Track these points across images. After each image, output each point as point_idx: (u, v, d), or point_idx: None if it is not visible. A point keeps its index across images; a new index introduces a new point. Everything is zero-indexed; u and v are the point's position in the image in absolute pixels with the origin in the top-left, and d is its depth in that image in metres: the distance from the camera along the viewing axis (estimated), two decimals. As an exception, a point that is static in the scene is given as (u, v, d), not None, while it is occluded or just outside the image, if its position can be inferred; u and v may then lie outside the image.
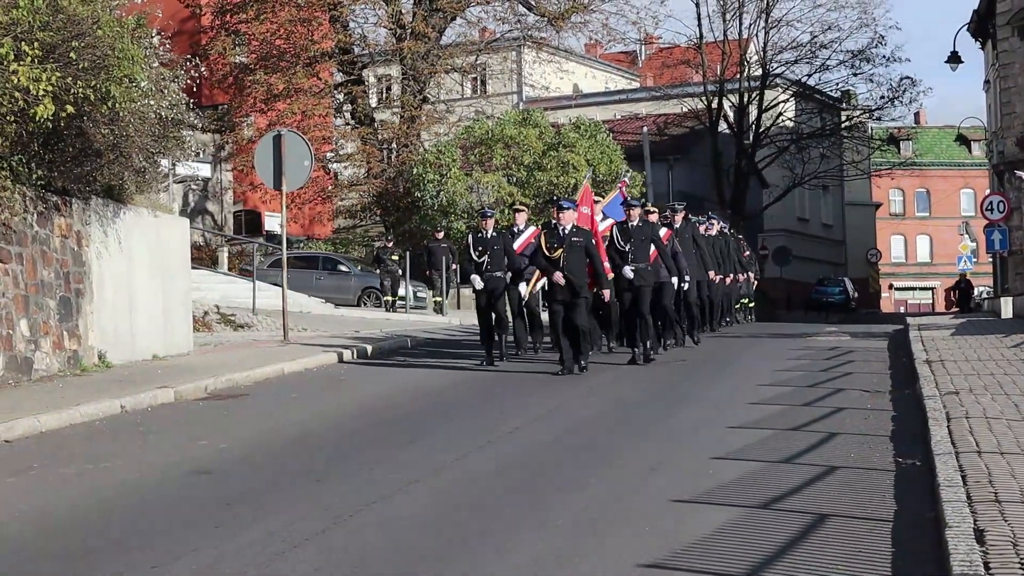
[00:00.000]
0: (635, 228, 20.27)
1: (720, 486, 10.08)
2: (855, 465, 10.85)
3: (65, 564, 8.15)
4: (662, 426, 14.00)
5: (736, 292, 31.26)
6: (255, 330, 27.89)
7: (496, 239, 20.80)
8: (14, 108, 15.12)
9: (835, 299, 62.49)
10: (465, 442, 12.57)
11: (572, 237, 18.53)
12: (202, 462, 11.88)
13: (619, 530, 8.84)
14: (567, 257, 18.42)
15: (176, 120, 20.46)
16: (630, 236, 20.14)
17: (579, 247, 18.53)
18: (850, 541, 8.23)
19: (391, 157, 48.83)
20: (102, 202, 19.09)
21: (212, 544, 8.48)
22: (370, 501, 9.78)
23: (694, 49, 58.82)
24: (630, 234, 20.17)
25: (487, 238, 20.80)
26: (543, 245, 18.72)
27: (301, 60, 46.37)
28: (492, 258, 20.63)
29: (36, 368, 17.05)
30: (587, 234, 19.03)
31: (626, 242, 20.08)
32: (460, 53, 49.36)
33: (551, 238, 18.65)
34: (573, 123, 45.82)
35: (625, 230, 20.29)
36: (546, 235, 18.83)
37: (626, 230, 20.28)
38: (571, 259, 18.44)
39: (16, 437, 13.06)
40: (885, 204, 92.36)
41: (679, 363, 20.52)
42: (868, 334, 28.04)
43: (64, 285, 17.87)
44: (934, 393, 14.28)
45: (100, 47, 16.35)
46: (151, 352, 20.30)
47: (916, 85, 59.64)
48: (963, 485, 9.12)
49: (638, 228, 20.29)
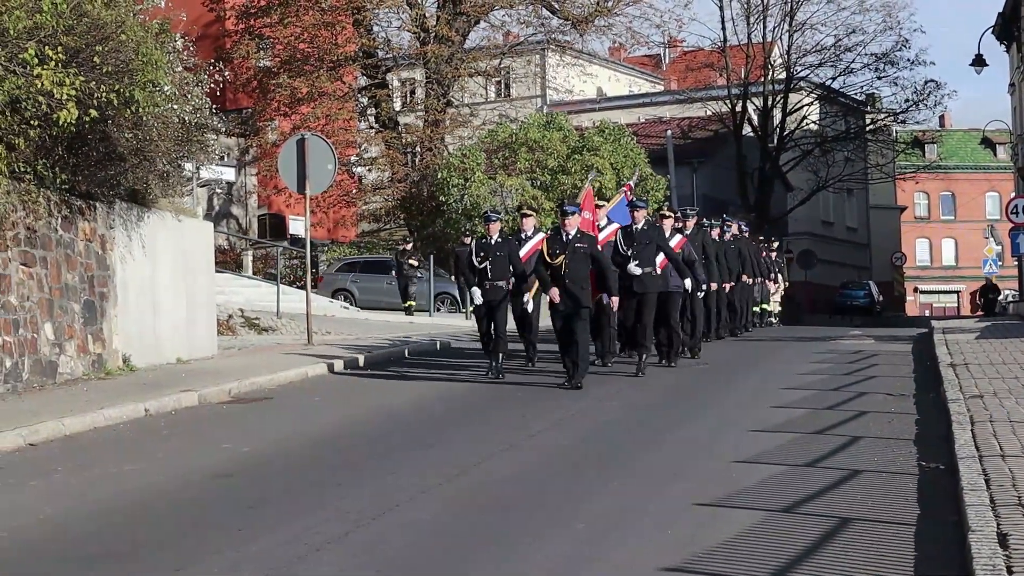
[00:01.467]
0: (640, 232, 19.23)
1: (742, 490, 10.06)
2: (878, 469, 10.83)
3: (88, 567, 8.17)
4: (683, 430, 13.99)
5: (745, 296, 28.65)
6: (279, 334, 27.91)
7: (500, 245, 19.15)
8: (38, 112, 15.16)
9: (860, 303, 62.38)
10: (486, 446, 12.57)
11: (576, 243, 17.42)
12: (225, 465, 11.91)
13: (640, 533, 8.84)
14: (569, 264, 17.32)
15: (200, 124, 20.53)
16: (634, 240, 19.11)
17: (583, 254, 17.42)
18: (873, 545, 8.21)
19: (415, 161, 48.83)
20: (126, 206, 19.14)
21: (234, 547, 8.50)
22: (392, 505, 9.79)
23: (718, 52, 58.73)
24: (634, 238, 19.14)
25: (490, 243, 19.18)
26: (544, 251, 17.67)
27: (325, 64, 46.40)
28: (494, 265, 18.98)
29: (60, 371, 17.10)
30: (592, 240, 18.01)
31: (629, 246, 19.04)
32: (484, 57, 49.33)
33: (553, 244, 17.58)
34: (597, 126, 45.79)
35: (629, 234, 19.27)
36: (548, 240, 17.81)
37: (630, 234, 19.25)
38: (574, 267, 17.32)
39: (40, 440, 13.10)
40: (910, 207, 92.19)
41: (702, 366, 20.47)
42: (892, 337, 27.98)
43: (88, 289, 17.92)
44: (958, 396, 14.23)
45: (124, 51, 16.39)
46: (175, 355, 20.34)
47: (940, 88, 59.55)
48: (987, 489, 9.10)
49: (643, 232, 19.25)
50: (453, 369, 20.44)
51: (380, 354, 22.36)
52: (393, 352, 22.90)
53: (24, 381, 16.19)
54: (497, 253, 18.96)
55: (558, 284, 17.32)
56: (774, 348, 24.79)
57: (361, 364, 21.17)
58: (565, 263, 17.30)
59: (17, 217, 16.12)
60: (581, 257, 17.38)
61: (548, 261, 17.48)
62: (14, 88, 14.67)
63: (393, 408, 15.93)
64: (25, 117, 15.26)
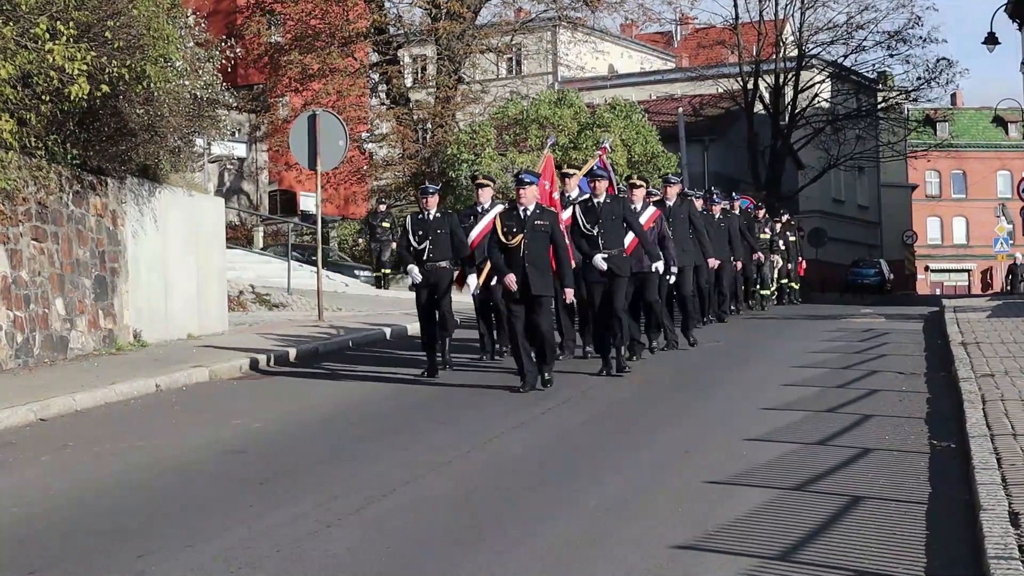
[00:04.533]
0: (603, 205, 16.20)
1: (753, 468, 10.05)
2: (889, 447, 10.82)
3: (98, 542, 8.18)
4: (694, 408, 13.99)
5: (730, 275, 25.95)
6: (290, 310, 27.91)
7: (440, 221, 16.60)
8: (49, 88, 15.14)
9: (870, 281, 62.19)
10: (497, 424, 12.57)
11: (535, 220, 14.86)
12: (236, 441, 11.93)
13: (651, 512, 8.83)
14: (528, 245, 14.75)
15: (211, 100, 20.55)
16: (597, 216, 16.14)
17: (543, 232, 14.87)
18: (884, 523, 8.20)
19: (426, 137, 48.77)
20: (137, 181, 19.15)
21: (245, 523, 8.51)
22: (403, 481, 9.79)
23: (730, 30, 58.50)
24: (597, 213, 16.16)
25: (428, 220, 16.60)
26: (499, 230, 14.97)
27: (336, 40, 46.31)
28: (435, 245, 16.44)
29: (72, 347, 17.12)
30: (554, 216, 15.40)
31: (593, 223, 16.12)
32: (495, 33, 49.20)
33: (508, 220, 14.95)
34: (608, 104, 45.68)
35: (591, 209, 16.25)
36: (502, 217, 15.14)
37: (592, 209, 16.24)
38: (534, 248, 14.77)
39: (51, 416, 13.12)
40: (921, 186, 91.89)
41: (712, 345, 20.43)
42: (903, 316, 27.92)
43: (99, 264, 17.93)
44: (969, 375, 14.20)
45: (135, 27, 16.37)
46: (186, 331, 20.36)
47: (953, 66, 59.22)
48: (998, 468, 9.08)
49: (607, 205, 16.22)
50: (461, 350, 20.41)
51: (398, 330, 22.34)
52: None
53: (35, 356, 16.22)
54: (437, 231, 16.53)
55: (515, 269, 14.80)
56: (784, 327, 24.75)
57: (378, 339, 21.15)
58: (523, 243, 14.79)
59: (28, 192, 16.13)
60: (542, 236, 14.89)
61: (503, 241, 14.92)
62: (26, 63, 14.65)
63: (406, 383, 15.90)
64: (36, 92, 15.26)
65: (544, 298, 14.93)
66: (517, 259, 14.74)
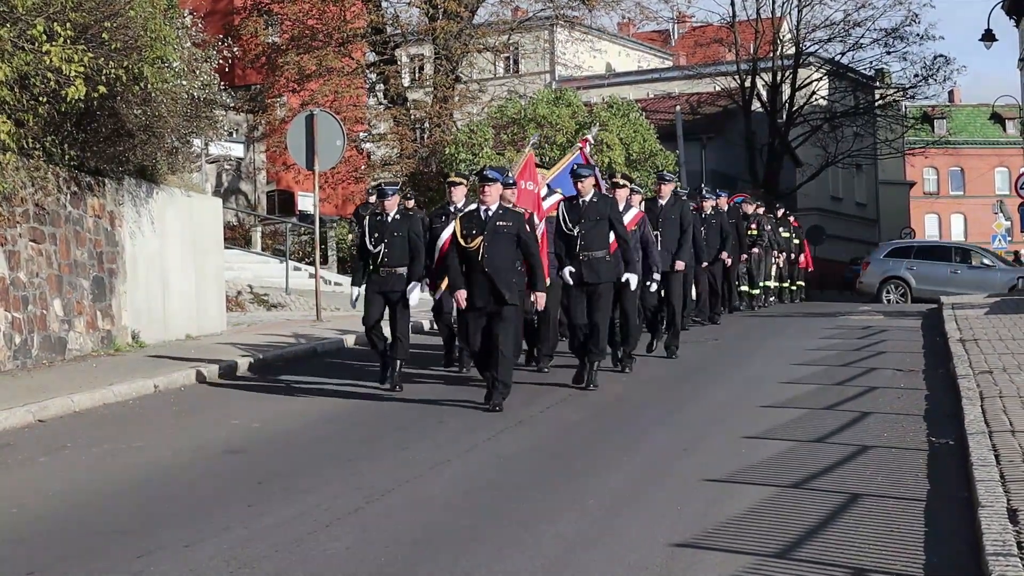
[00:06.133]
0: (588, 205, 15.10)
1: (752, 465, 10.07)
2: (888, 444, 10.83)
3: (97, 542, 8.18)
4: (693, 405, 14.00)
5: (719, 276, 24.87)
6: (288, 310, 27.94)
7: (399, 223, 15.26)
8: (47, 89, 15.15)
9: (869, 279, 62.13)
10: (496, 422, 12.57)
11: (497, 221, 13.47)
12: (235, 441, 11.93)
13: (650, 510, 8.84)
14: (489, 248, 13.39)
15: (208, 100, 20.55)
16: (580, 216, 15.09)
17: (506, 235, 13.45)
18: (883, 520, 8.21)
19: (424, 137, 48.76)
20: (135, 182, 19.15)
21: (244, 523, 8.51)
22: (402, 481, 9.80)
23: (727, 28, 58.51)
24: (580, 213, 15.12)
25: (386, 221, 15.31)
26: (457, 232, 13.69)
27: (333, 40, 46.28)
28: (391, 248, 15.16)
29: (70, 348, 17.12)
30: (519, 217, 13.68)
31: (575, 223, 15.09)
32: (492, 32, 49.15)
33: (468, 222, 13.62)
34: (606, 102, 45.67)
35: (574, 207, 15.23)
36: (463, 219, 13.79)
37: (576, 207, 15.20)
38: (495, 252, 13.39)
39: (50, 417, 13.12)
40: (919, 183, 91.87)
41: (711, 342, 20.44)
42: (901, 313, 27.91)
43: (97, 265, 17.93)
44: (968, 372, 14.21)
45: (132, 27, 16.37)
46: (184, 332, 20.36)
47: (950, 63, 59.38)
48: (996, 464, 9.09)
49: (592, 205, 15.10)
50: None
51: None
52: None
53: (33, 357, 16.22)
54: (394, 233, 15.21)
55: (475, 274, 13.52)
56: (783, 324, 24.74)
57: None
58: (483, 247, 13.44)
59: (26, 193, 16.12)
60: (505, 239, 13.47)
61: (462, 244, 13.61)
62: (23, 64, 14.65)
63: (404, 383, 15.87)
64: (34, 94, 15.26)
65: (507, 308, 13.40)
66: (477, 264, 13.43)
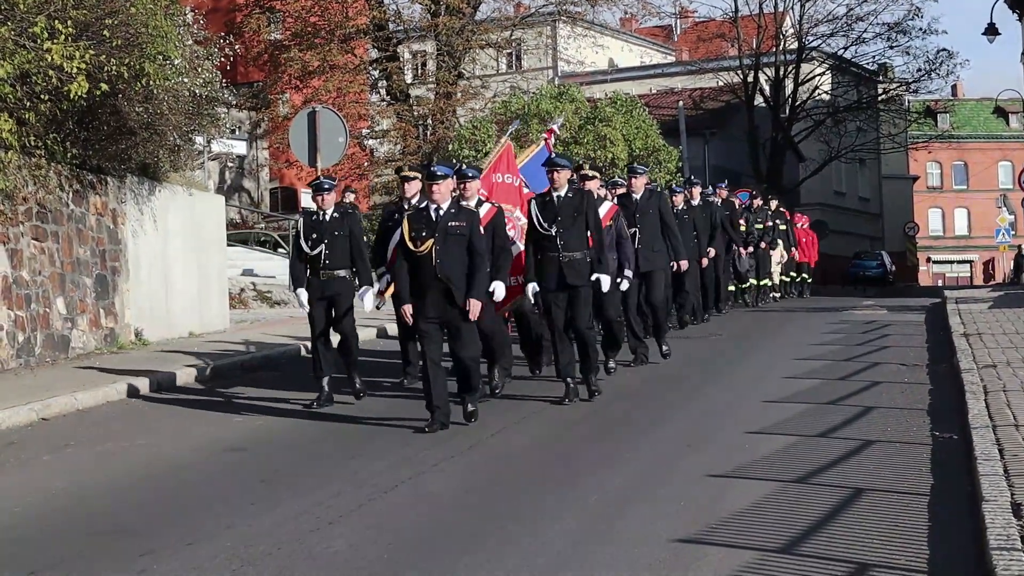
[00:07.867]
0: (564, 200, 13.69)
1: (755, 461, 10.05)
2: (891, 439, 10.80)
3: (100, 541, 8.17)
4: (696, 400, 13.98)
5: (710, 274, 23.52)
6: (291, 306, 27.89)
7: (338, 221, 13.95)
8: (48, 87, 15.14)
9: (872, 273, 62.10)
10: (498, 419, 12.55)
11: (449, 221, 12.07)
12: (237, 439, 11.93)
13: (654, 505, 8.82)
14: (441, 252, 11.96)
15: (211, 97, 20.53)
16: (557, 213, 13.66)
17: (460, 236, 12.06)
18: (886, 515, 8.18)
19: (427, 133, 48.74)
20: (137, 180, 19.15)
21: (247, 521, 8.50)
22: (404, 478, 9.79)
23: (729, 23, 58.47)
24: (556, 210, 13.68)
25: (323, 220, 13.95)
26: (405, 234, 12.18)
27: (336, 37, 46.29)
28: (332, 250, 13.85)
29: (73, 346, 17.13)
30: (473, 216, 12.43)
31: (551, 222, 13.63)
32: (495, 28, 49.15)
33: (417, 222, 12.13)
34: (609, 98, 45.67)
35: (548, 204, 13.79)
36: (411, 219, 12.26)
37: (550, 204, 13.76)
38: (448, 255, 11.98)
39: (53, 415, 13.13)
40: (922, 177, 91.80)
41: (714, 337, 20.42)
42: (905, 307, 27.90)
43: (100, 263, 17.93)
44: (971, 366, 14.19)
45: (133, 25, 16.36)
46: (187, 329, 20.36)
47: (953, 57, 59.15)
48: (1000, 459, 9.07)
49: (567, 200, 13.70)
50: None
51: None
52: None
53: (37, 356, 16.22)
54: (334, 233, 13.93)
55: (427, 281, 12.05)
56: (786, 319, 24.72)
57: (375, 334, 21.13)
58: (435, 250, 12.02)
59: (28, 192, 16.13)
60: (460, 240, 12.09)
61: (411, 248, 12.14)
62: (24, 62, 14.65)
63: (404, 380, 15.86)
64: (35, 91, 15.26)
65: (465, 322, 12.10)
66: (428, 269, 12.01)
